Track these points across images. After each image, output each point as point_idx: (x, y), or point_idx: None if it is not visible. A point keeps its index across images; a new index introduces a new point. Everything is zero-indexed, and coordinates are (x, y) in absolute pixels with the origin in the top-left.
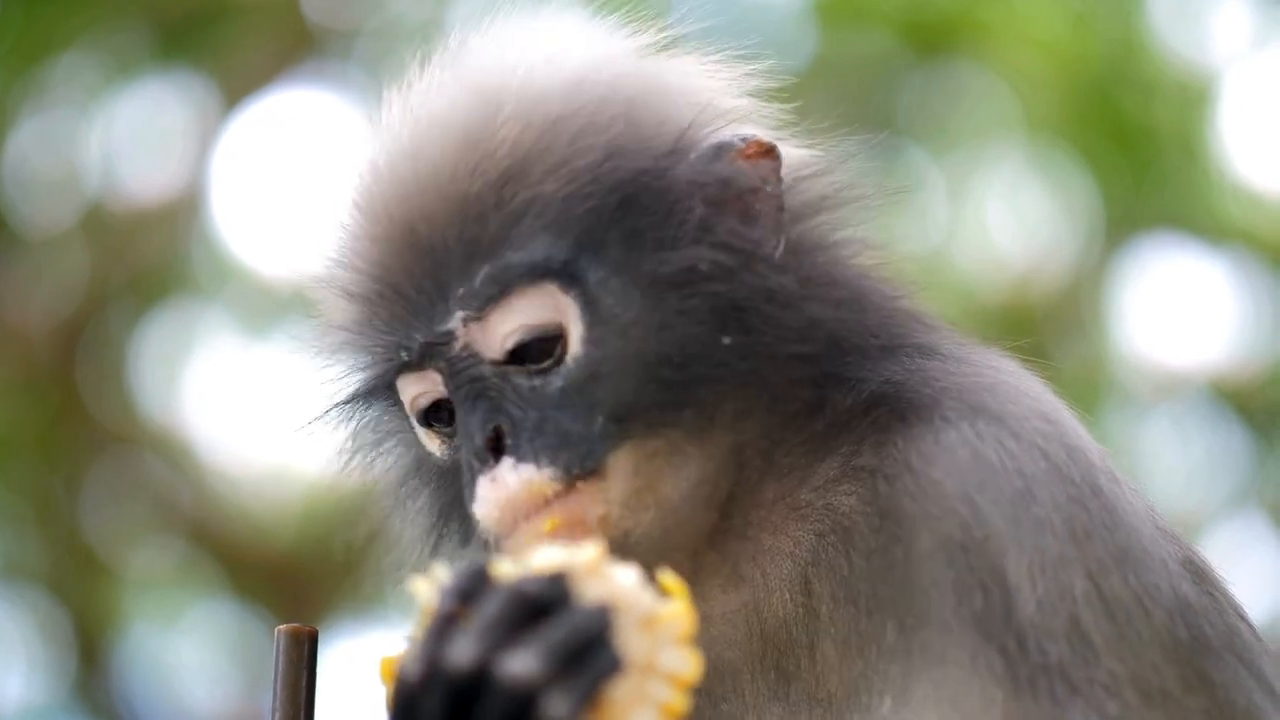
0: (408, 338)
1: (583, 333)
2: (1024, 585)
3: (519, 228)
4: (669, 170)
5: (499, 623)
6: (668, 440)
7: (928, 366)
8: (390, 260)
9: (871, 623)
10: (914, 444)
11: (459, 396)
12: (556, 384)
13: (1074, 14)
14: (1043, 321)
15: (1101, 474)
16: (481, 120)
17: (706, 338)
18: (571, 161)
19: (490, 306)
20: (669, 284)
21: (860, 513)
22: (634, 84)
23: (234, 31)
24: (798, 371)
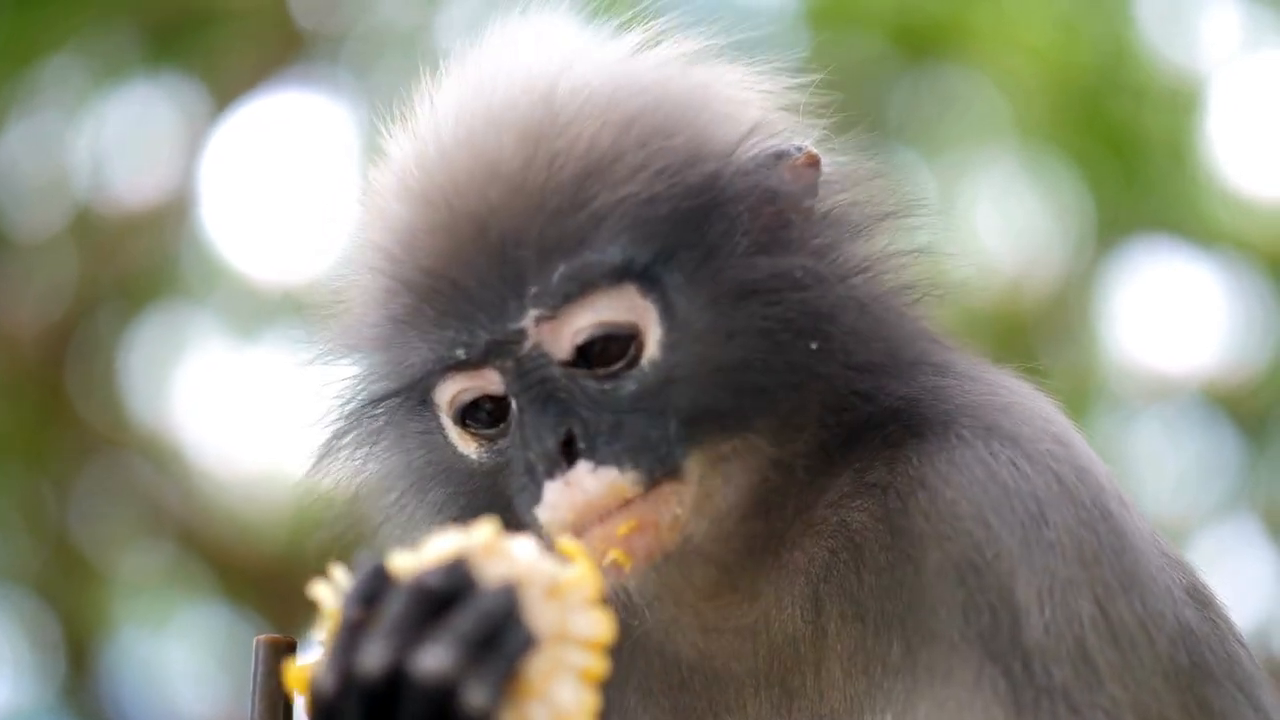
0: (470, 335)
1: (661, 337)
2: (1032, 608)
3: (600, 228)
4: (734, 176)
5: (405, 621)
6: (732, 447)
7: (942, 384)
8: (453, 253)
9: (878, 640)
10: (928, 461)
11: (525, 398)
12: (630, 388)
13: (1063, 19)
14: (1033, 326)
15: (1111, 498)
16: (546, 116)
17: (774, 347)
18: (651, 164)
19: (566, 306)
20: (749, 292)
21: (871, 529)
22: (693, 89)
23: (222, 35)
24: (840, 386)
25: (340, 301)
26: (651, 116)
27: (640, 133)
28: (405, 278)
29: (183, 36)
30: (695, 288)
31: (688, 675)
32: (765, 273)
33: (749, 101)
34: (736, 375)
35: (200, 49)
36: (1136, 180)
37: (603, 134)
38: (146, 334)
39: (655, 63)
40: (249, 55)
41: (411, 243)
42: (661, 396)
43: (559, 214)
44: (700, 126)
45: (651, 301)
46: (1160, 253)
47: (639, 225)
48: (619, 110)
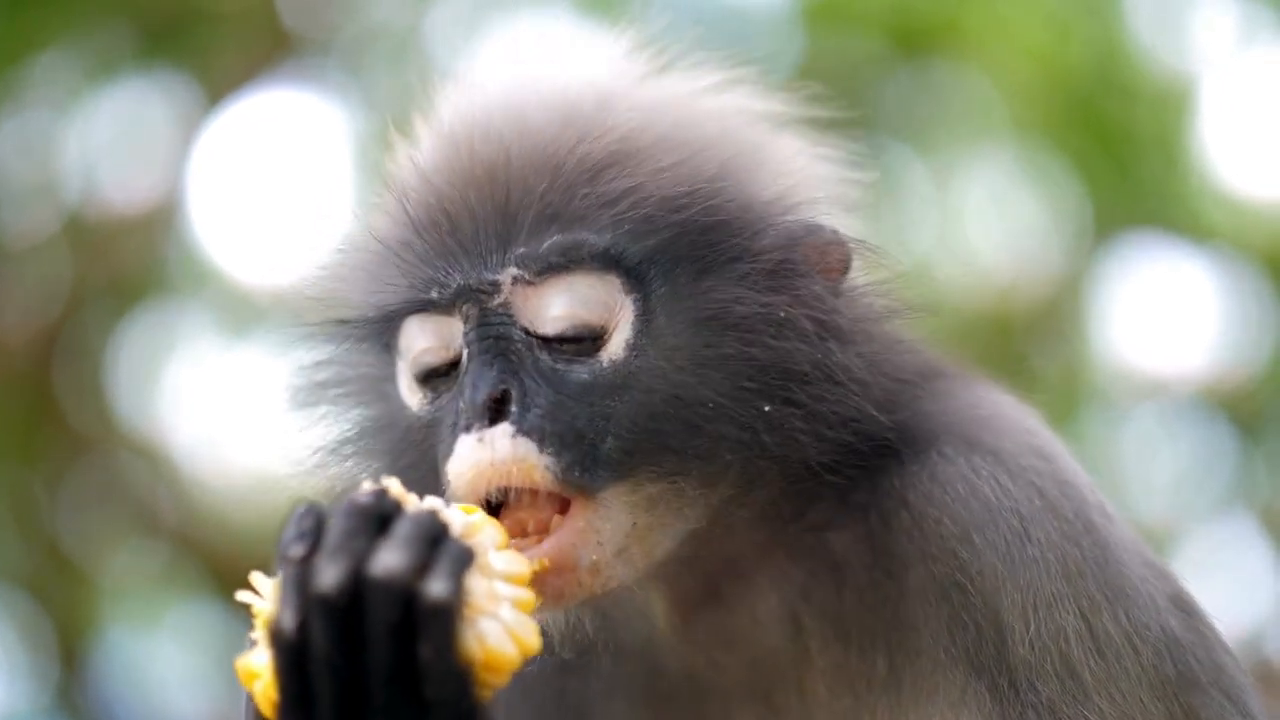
0: (446, 277)
1: (629, 337)
2: (1016, 624)
3: (605, 211)
4: (763, 221)
5: (351, 535)
6: (670, 491)
7: (923, 401)
8: (460, 191)
9: (862, 659)
10: (910, 480)
11: (475, 349)
12: (581, 376)
13: (1056, 19)
14: (1026, 326)
15: (1094, 510)
16: (596, 103)
17: (749, 397)
18: (680, 170)
19: (547, 275)
20: (731, 324)
21: (854, 549)
22: (747, 132)
23: (212, 34)
24: (817, 444)
25: (341, 246)
26: (704, 135)
27: (686, 144)
28: (410, 206)
29: (173, 36)
30: (678, 304)
31: (672, 687)
32: (752, 307)
33: (799, 170)
34: (689, 410)
35: (190, 48)
36: (1129, 179)
37: (641, 132)
38: (135, 335)
39: (716, 102)
40: (238, 55)
41: (427, 176)
42: (609, 400)
43: (570, 186)
44: (746, 163)
45: (632, 301)
46: (1154, 252)
47: (643, 223)
48: (669, 120)
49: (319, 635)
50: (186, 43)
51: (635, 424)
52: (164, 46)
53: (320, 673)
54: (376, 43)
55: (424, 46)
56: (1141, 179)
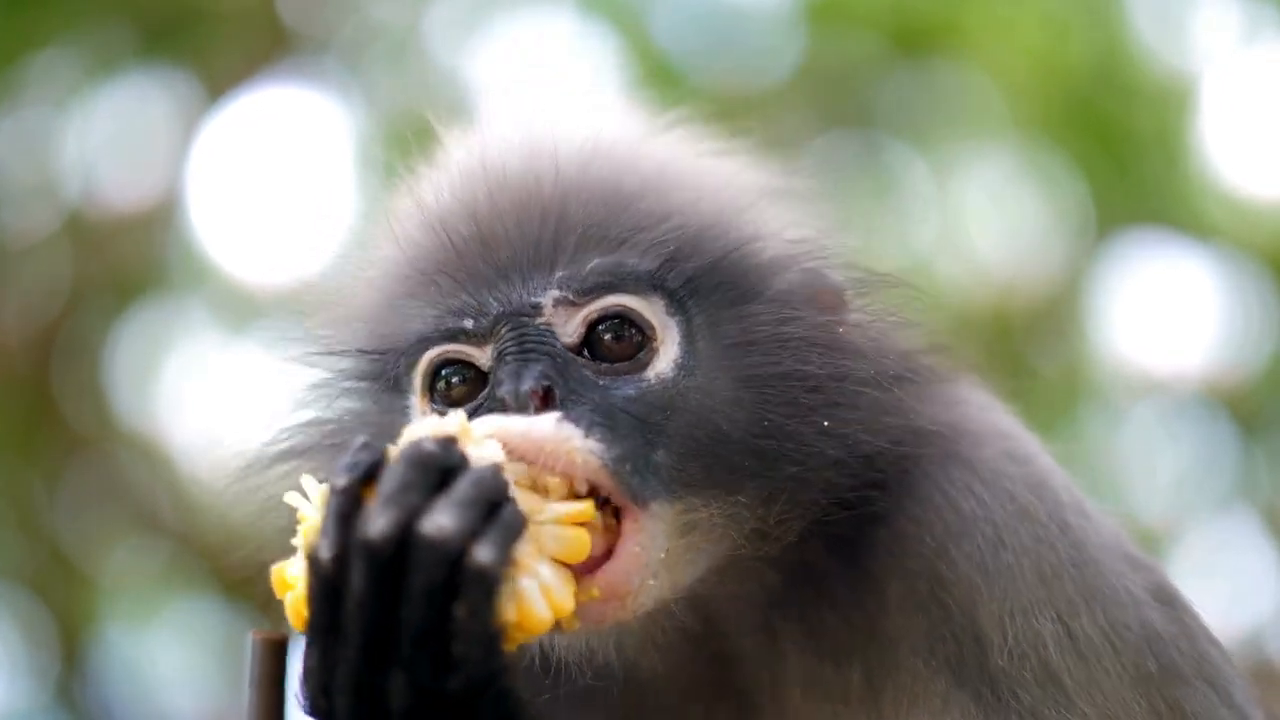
0: (482, 304)
1: (677, 356)
2: (995, 634)
3: (646, 235)
4: (784, 260)
5: (408, 487)
6: (719, 515)
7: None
8: (496, 215)
9: (837, 671)
10: (888, 496)
11: (515, 357)
12: (628, 391)
13: (1056, 17)
14: (1026, 324)
15: (1069, 510)
16: (623, 139)
17: (806, 414)
18: (714, 201)
19: (590, 298)
20: (779, 344)
21: (831, 563)
22: (760, 187)
23: (211, 32)
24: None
25: (355, 274)
26: (714, 176)
27: (703, 182)
28: (439, 235)
29: (172, 34)
30: (720, 328)
31: (646, 692)
32: (798, 328)
33: (802, 225)
34: (746, 428)
35: (190, 46)
36: (1130, 177)
37: (668, 167)
38: (135, 333)
39: (726, 164)
40: (238, 53)
41: (459, 198)
42: (659, 416)
43: (612, 210)
44: (758, 206)
45: (676, 323)
46: (1154, 250)
47: (683, 249)
48: (687, 161)
49: (356, 576)
50: (186, 40)
51: (687, 440)
52: (163, 44)
53: (351, 611)
54: (376, 40)
55: (423, 44)
56: (1142, 177)
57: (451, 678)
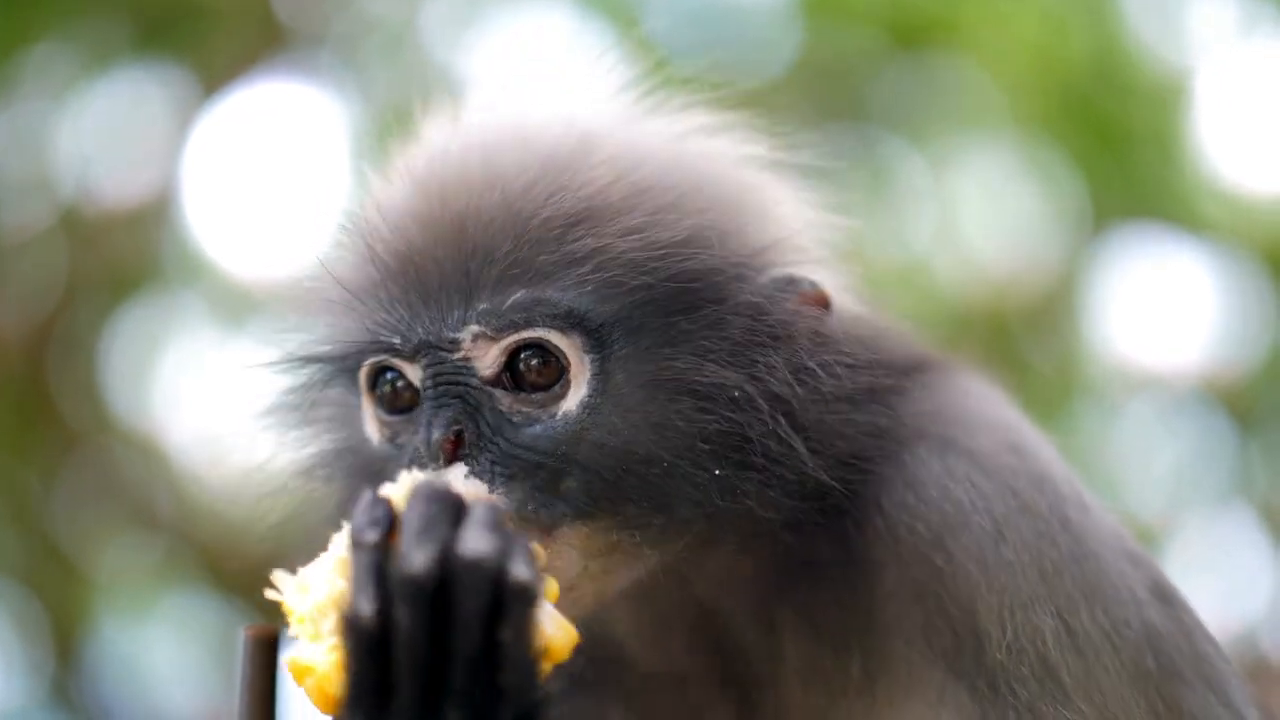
0: (409, 328)
1: (584, 397)
2: (993, 628)
3: (572, 270)
4: (735, 283)
5: (435, 521)
6: (627, 538)
7: (902, 398)
8: (428, 243)
9: (836, 659)
10: (884, 484)
11: (431, 394)
12: (535, 430)
13: (1052, 13)
14: (1023, 319)
15: (1070, 504)
16: (572, 152)
17: (703, 460)
18: (651, 232)
19: (508, 333)
20: (687, 391)
21: (829, 552)
22: (729, 184)
23: (207, 27)
24: (769, 505)
25: (320, 269)
26: (678, 192)
27: (660, 202)
28: (379, 253)
29: (167, 28)
30: (638, 366)
31: (644, 681)
32: (710, 378)
33: (784, 217)
34: (643, 467)
35: (185, 41)
36: (1126, 173)
37: (616, 187)
38: (130, 329)
39: (702, 148)
40: (233, 48)
41: (396, 223)
42: (563, 453)
43: (538, 243)
44: (722, 222)
45: (590, 361)
46: (1150, 245)
47: (609, 285)
48: (644, 175)
49: (405, 619)
50: (181, 35)
51: (590, 474)
52: (159, 39)
53: (402, 658)
54: (371, 36)
55: (419, 39)
56: (1138, 173)
57: (503, 709)
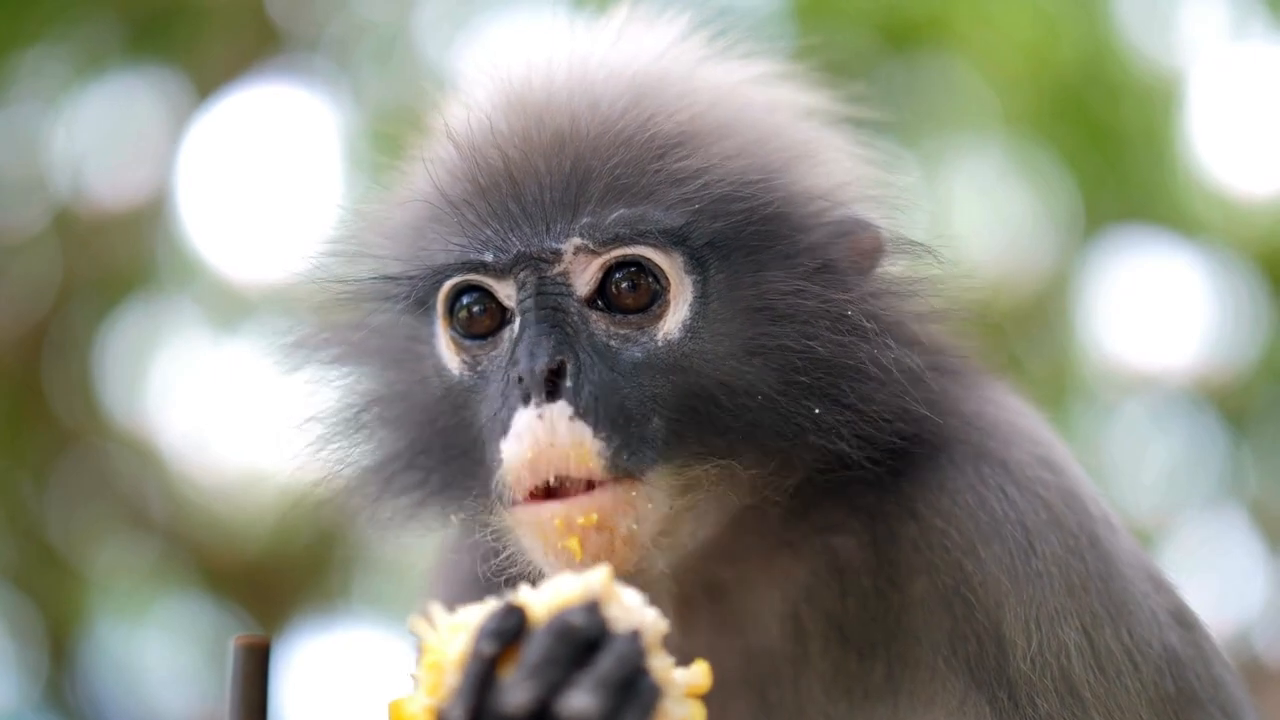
0: (504, 241)
1: (686, 318)
2: (1019, 638)
3: (674, 189)
4: (815, 217)
5: (551, 662)
6: (712, 476)
7: (932, 402)
8: (525, 156)
9: (861, 664)
10: (917, 489)
11: (534, 315)
12: (635, 354)
13: (1045, 14)
14: (1015, 320)
15: (1099, 523)
16: (660, 80)
17: (802, 395)
18: (747, 158)
19: (612, 247)
20: (786, 317)
21: (858, 555)
22: (799, 125)
23: (200, 29)
24: (838, 436)
25: (387, 197)
26: (756, 128)
27: (742, 133)
28: (471, 166)
29: (161, 31)
30: (737, 291)
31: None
32: (813, 301)
33: (843, 165)
34: (740, 397)
35: (179, 43)
36: (1118, 174)
37: (710, 114)
38: (124, 330)
39: (768, 93)
40: (226, 50)
41: (491, 140)
42: (660, 380)
43: (639, 161)
44: (798, 161)
45: (692, 282)
46: (1142, 246)
47: (710, 206)
48: (731, 106)
49: None
50: (175, 38)
51: (683, 406)
52: (152, 41)
53: None
54: (364, 38)
55: (412, 42)
56: (1130, 174)
57: None
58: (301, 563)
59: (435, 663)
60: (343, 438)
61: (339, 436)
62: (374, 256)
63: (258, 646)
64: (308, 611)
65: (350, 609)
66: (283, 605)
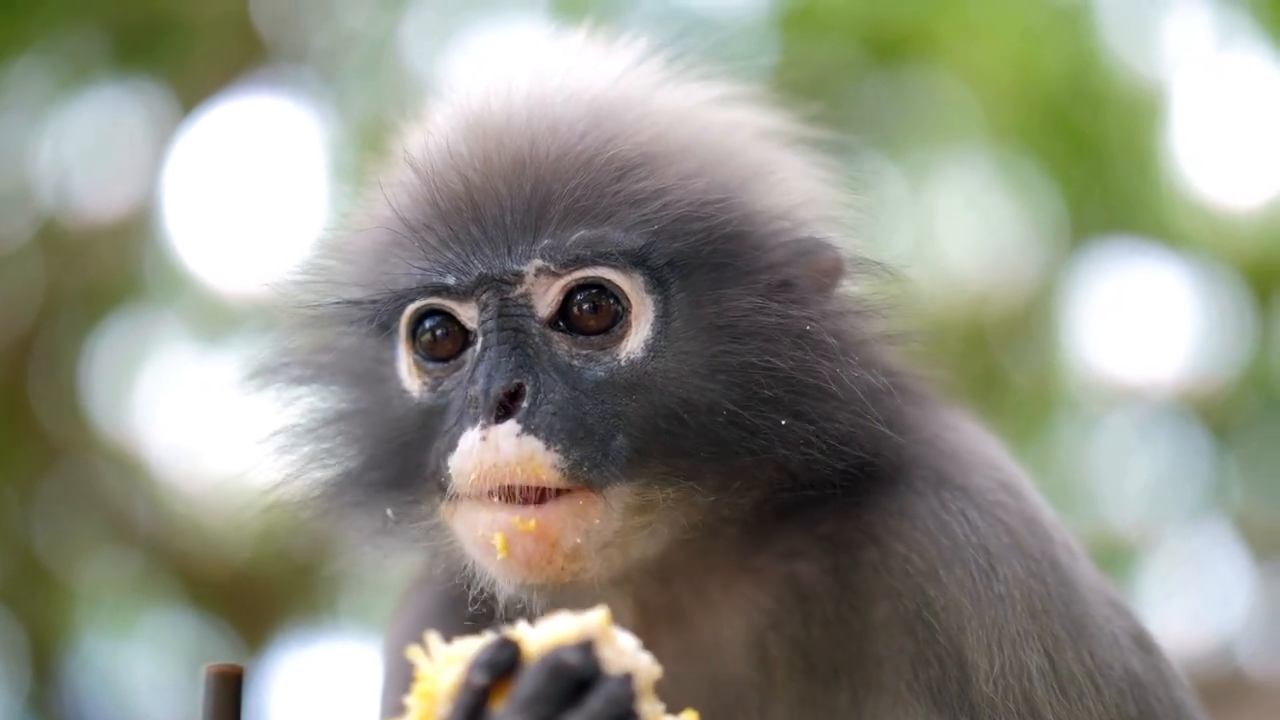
0: (466, 264)
1: (649, 337)
2: (981, 661)
3: (633, 210)
4: (775, 237)
5: (541, 697)
6: (669, 497)
7: (891, 427)
8: (486, 180)
9: (826, 691)
10: (878, 515)
11: (493, 339)
12: (599, 373)
13: (1030, 27)
14: (1000, 332)
15: (1059, 547)
16: (619, 103)
17: (767, 409)
18: (705, 179)
19: (572, 269)
20: (749, 333)
21: (821, 582)
22: (757, 147)
23: (186, 41)
24: (799, 456)
25: (351, 222)
26: (715, 148)
27: (702, 153)
28: (431, 190)
29: (147, 43)
30: (697, 309)
31: None
32: (774, 318)
33: (801, 186)
34: (704, 414)
35: (165, 55)
36: (1103, 186)
37: (669, 135)
38: (110, 342)
39: (727, 115)
40: (213, 62)
41: (452, 161)
42: (623, 399)
43: (599, 183)
44: (756, 180)
45: (653, 301)
46: (1127, 258)
47: (669, 226)
48: (690, 127)
49: None
50: (161, 49)
51: (648, 424)
52: (138, 53)
53: None
54: (350, 50)
55: (398, 54)
56: (1114, 186)
57: None
58: (287, 576)
59: (428, 691)
60: (308, 455)
61: (304, 454)
62: (337, 282)
63: (230, 674)
64: (293, 625)
65: (335, 623)
66: (268, 619)
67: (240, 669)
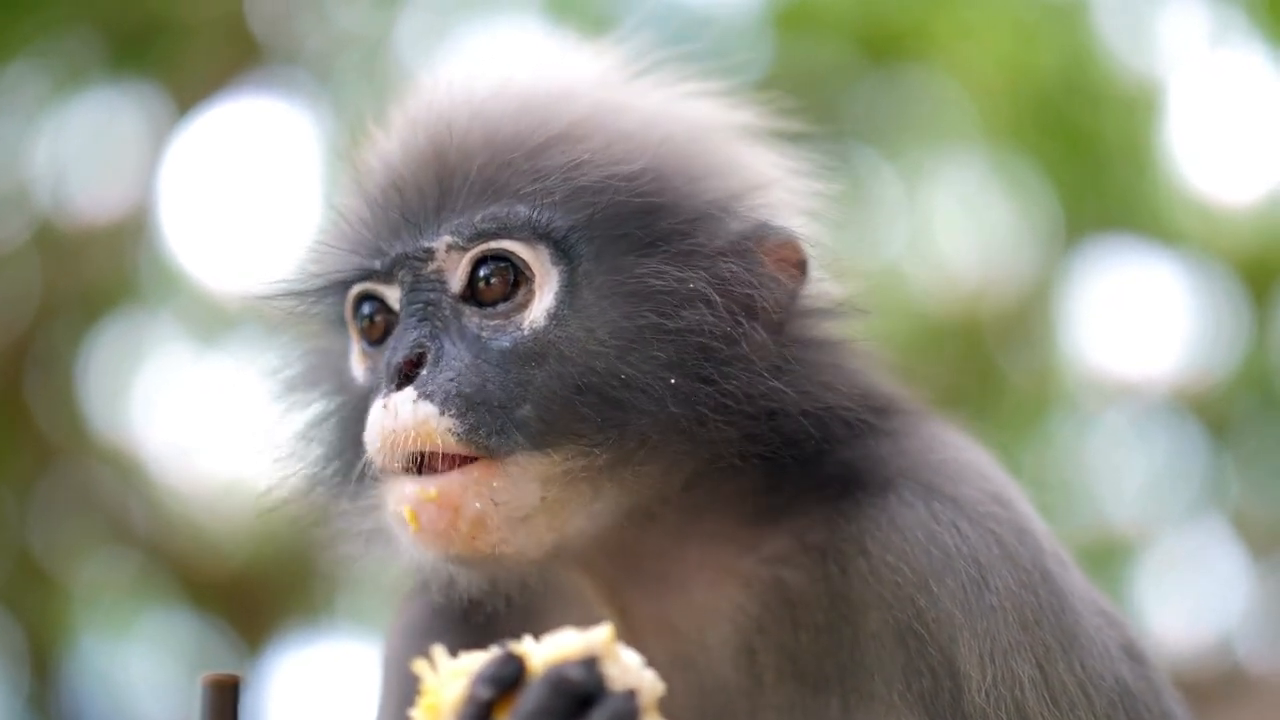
0: (388, 246)
1: (551, 307)
2: (973, 672)
3: (539, 184)
4: (705, 220)
5: (544, 712)
6: (586, 466)
7: (879, 440)
8: (408, 166)
9: (816, 698)
10: (869, 525)
11: (406, 313)
12: (503, 343)
13: (1024, 25)
14: (996, 330)
15: (1050, 558)
16: (552, 95)
17: (659, 369)
18: (615, 152)
19: (479, 243)
20: (647, 295)
21: (810, 591)
22: (706, 135)
23: (181, 43)
24: (744, 436)
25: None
26: (647, 132)
27: (623, 133)
28: (367, 184)
29: (142, 45)
30: (603, 278)
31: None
32: (667, 281)
33: (759, 175)
34: (603, 381)
35: (160, 57)
36: (1098, 184)
37: (589, 120)
38: (106, 344)
39: (684, 108)
40: (208, 64)
41: (383, 156)
42: (527, 368)
43: (507, 160)
44: (690, 161)
45: (558, 272)
46: (1123, 256)
47: (573, 196)
48: (620, 118)
49: None
50: (156, 51)
51: (552, 393)
52: (133, 55)
53: None
54: (345, 51)
55: (392, 55)
56: (1110, 183)
57: None
58: (285, 577)
59: (433, 705)
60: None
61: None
62: (298, 279)
63: (227, 684)
64: (291, 626)
65: (334, 623)
66: (266, 620)
67: (237, 678)
